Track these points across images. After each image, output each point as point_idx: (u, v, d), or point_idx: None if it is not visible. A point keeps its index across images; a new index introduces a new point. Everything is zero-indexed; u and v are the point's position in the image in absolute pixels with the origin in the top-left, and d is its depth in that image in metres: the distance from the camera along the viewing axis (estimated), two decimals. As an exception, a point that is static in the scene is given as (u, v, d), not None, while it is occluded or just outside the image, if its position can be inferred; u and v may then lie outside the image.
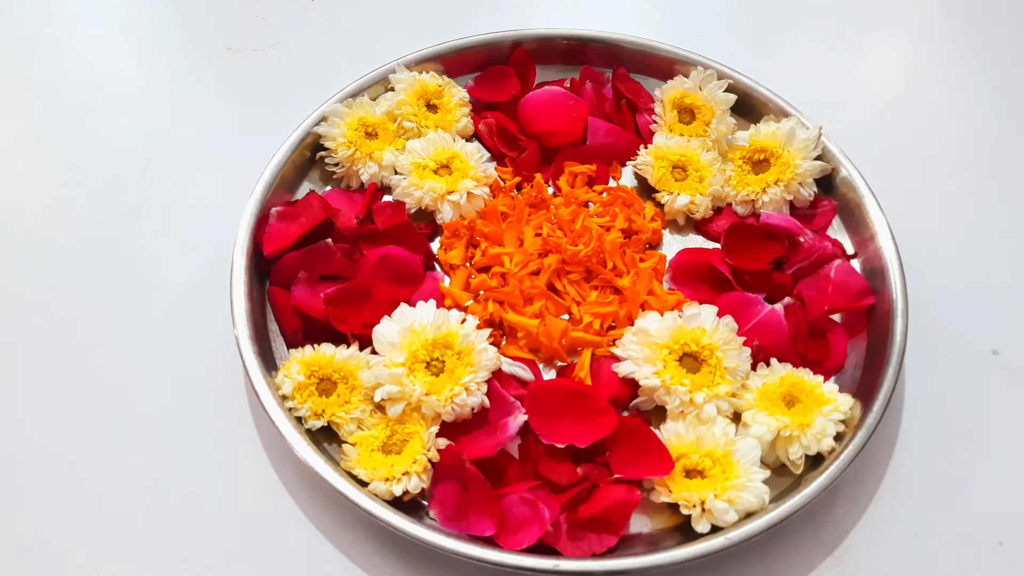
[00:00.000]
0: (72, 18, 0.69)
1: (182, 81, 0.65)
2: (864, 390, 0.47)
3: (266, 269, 0.51)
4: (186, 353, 0.50)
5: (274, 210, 0.52)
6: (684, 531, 0.43)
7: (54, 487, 0.46)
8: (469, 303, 0.51)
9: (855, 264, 0.53)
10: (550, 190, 0.56)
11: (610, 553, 0.41)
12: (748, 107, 0.60)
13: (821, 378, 0.47)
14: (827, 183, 0.56)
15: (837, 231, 0.55)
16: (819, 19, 0.72)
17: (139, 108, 0.63)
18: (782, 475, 0.45)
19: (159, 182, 0.59)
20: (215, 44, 0.67)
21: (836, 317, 0.51)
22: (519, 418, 0.45)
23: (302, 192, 0.56)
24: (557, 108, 0.58)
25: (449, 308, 0.50)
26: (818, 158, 0.56)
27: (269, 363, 0.47)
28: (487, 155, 0.57)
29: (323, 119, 0.56)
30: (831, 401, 0.45)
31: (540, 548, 0.42)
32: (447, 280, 0.52)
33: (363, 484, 0.43)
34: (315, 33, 0.68)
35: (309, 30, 0.69)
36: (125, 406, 0.48)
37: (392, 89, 0.59)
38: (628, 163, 0.58)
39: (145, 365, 0.50)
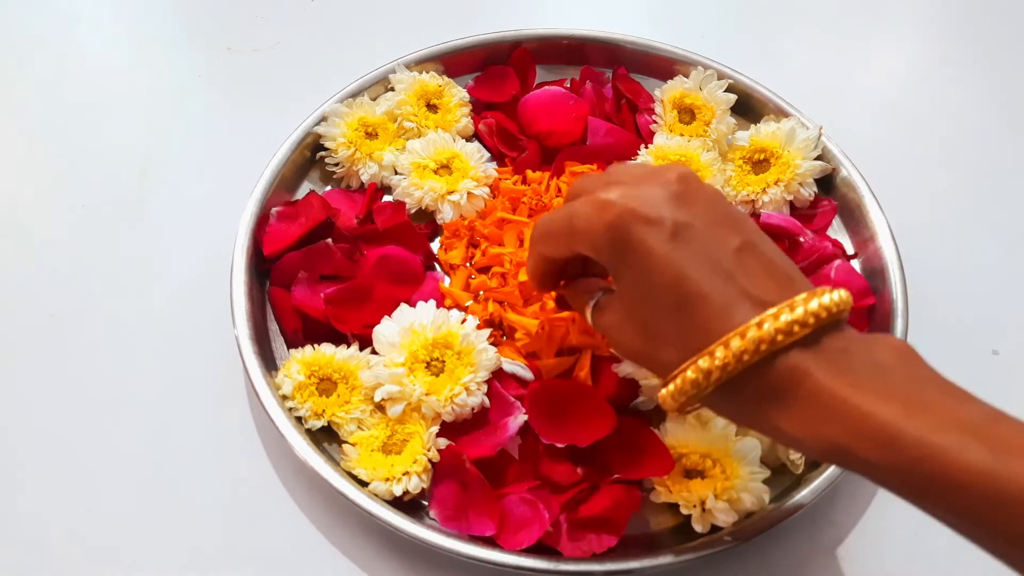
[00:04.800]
0: (72, 18, 0.69)
1: (182, 81, 0.65)
2: (864, 390, 0.47)
3: (266, 269, 0.51)
4: (186, 353, 0.50)
5: (274, 210, 0.52)
6: (684, 531, 0.43)
7: (53, 486, 0.46)
8: (469, 303, 0.51)
9: (855, 264, 0.53)
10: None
11: (610, 553, 0.41)
12: (748, 107, 0.60)
13: (821, 378, 0.47)
14: (827, 183, 0.56)
15: (837, 231, 0.55)
16: (819, 19, 0.72)
17: (139, 108, 0.63)
18: (782, 475, 0.45)
19: (159, 182, 0.59)
20: (215, 44, 0.67)
21: (836, 317, 0.51)
22: (519, 418, 0.45)
23: (302, 192, 0.56)
24: (557, 108, 0.58)
25: (449, 308, 0.50)
26: (818, 158, 0.56)
27: (269, 363, 0.47)
28: (487, 155, 0.57)
29: (323, 119, 0.56)
30: (831, 401, 0.45)
31: (540, 548, 0.41)
32: (447, 280, 0.52)
33: (363, 484, 0.43)
34: (315, 33, 0.68)
35: (309, 30, 0.69)
36: (124, 406, 0.48)
37: (392, 89, 0.59)
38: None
39: (145, 365, 0.50)
